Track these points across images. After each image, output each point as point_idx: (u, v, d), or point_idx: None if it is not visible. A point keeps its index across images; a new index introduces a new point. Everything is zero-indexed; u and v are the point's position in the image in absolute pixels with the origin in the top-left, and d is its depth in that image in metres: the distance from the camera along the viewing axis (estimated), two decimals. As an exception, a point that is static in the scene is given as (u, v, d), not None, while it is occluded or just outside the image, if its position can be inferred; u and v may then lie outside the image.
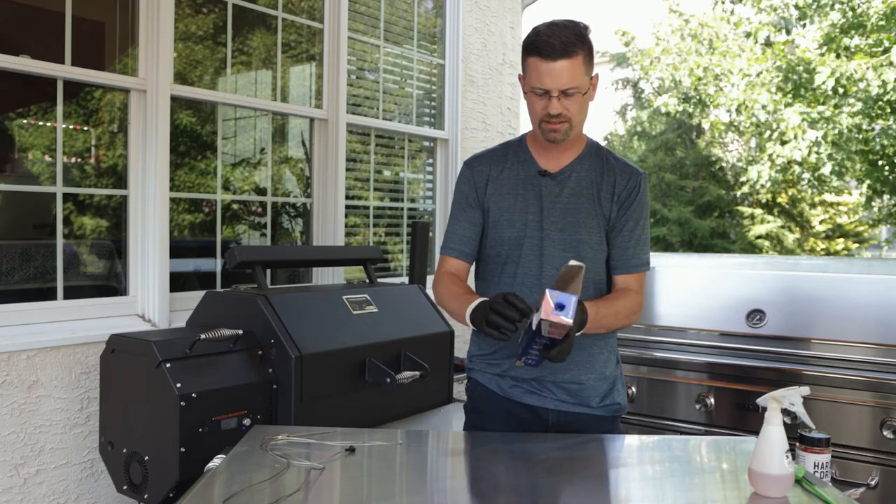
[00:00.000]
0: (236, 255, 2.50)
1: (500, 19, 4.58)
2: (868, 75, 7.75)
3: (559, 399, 1.88)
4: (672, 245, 13.11)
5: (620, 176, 1.88)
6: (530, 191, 1.88)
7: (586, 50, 1.74)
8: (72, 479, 2.45)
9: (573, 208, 1.86)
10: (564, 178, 1.88)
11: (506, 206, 1.89)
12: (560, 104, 1.74)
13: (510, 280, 1.88)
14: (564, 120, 1.77)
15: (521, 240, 1.87)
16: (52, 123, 2.57)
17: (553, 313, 1.43)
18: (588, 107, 1.84)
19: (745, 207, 13.41)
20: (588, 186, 1.87)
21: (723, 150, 13.78)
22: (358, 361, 2.46)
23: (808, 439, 1.64)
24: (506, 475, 1.54)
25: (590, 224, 1.86)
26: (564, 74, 1.71)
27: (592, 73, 1.79)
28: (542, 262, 1.85)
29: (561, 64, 1.70)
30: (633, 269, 1.90)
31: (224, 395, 2.17)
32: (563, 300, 1.43)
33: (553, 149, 1.88)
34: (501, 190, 1.90)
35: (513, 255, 1.88)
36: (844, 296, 2.55)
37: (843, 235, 13.34)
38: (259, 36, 3.27)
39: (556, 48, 1.70)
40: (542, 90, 1.74)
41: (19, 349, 2.31)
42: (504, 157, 1.94)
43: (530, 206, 1.87)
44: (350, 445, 1.59)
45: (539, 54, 1.72)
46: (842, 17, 8.55)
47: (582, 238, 1.85)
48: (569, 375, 1.87)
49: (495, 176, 1.91)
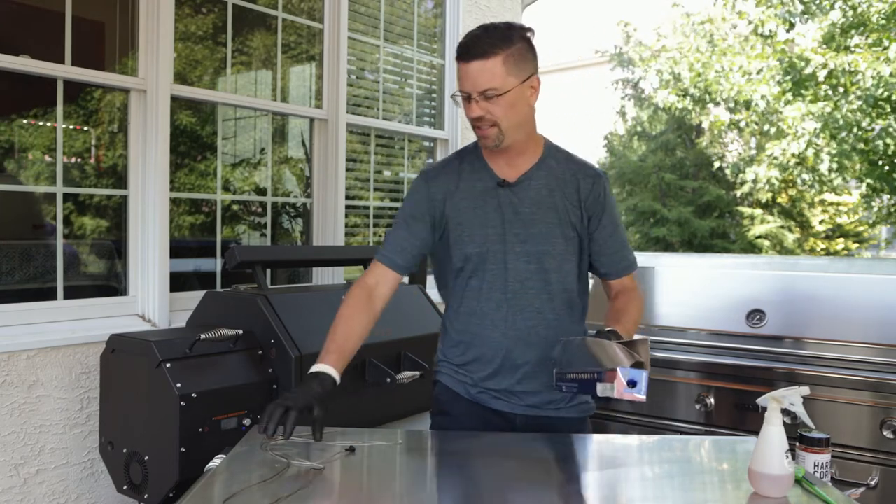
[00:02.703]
0: (236, 255, 2.50)
1: (499, 19, 4.56)
2: (861, 67, 7.75)
3: (527, 405, 1.85)
4: (672, 245, 13.11)
5: (584, 181, 1.82)
6: (489, 203, 1.81)
7: (512, 50, 1.67)
8: (72, 479, 2.45)
9: (535, 219, 1.80)
10: (524, 188, 1.81)
11: (465, 221, 1.82)
12: (479, 107, 1.68)
13: (475, 294, 1.83)
14: (490, 123, 1.70)
15: (484, 255, 1.81)
16: (52, 123, 2.57)
17: (626, 391, 1.42)
18: (525, 110, 1.75)
19: (745, 207, 13.41)
20: (548, 195, 1.81)
21: (722, 149, 13.78)
22: (358, 361, 2.46)
23: (808, 439, 1.63)
24: (504, 475, 1.54)
25: (553, 234, 1.80)
26: (480, 75, 1.66)
27: (526, 74, 1.71)
28: (507, 276, 1.80)
29: (476, 65, 1.66)
30: (625, 272, 1.89)
31: (224, 395, 2.17)
32: (635, 376, 1.42)
33: (506, 156, 1.81)
34: (460, 205, 1.83)
35: (477, 270, 1.82)
36: (844, 296, 2.55)
37: (843, 235, 13.33)
38: (259, 36, 3.27)
39: (470, 49, 1.67)
40: (464, 93, 1.70)
41: (19, 349, 2.31)
42: (460, 169, 1.86)
43: (490, 220, 1.81)
44: (350, 445, 1.59)
45: (459, 57, 1.69)
46: (842, 16, 8.55)
47: (545, 249, 1.80)
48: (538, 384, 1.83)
49: (453, 190, 1.84)
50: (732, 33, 10.99)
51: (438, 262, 1.93)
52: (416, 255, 1.86)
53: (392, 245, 1.85)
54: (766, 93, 8.82)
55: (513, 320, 1.81)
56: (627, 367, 1.44)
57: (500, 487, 1.47)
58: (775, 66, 8.92)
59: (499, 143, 1.74)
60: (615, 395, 1.44)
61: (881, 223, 11.52)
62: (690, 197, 13.63)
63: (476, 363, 1.86)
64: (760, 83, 8.89)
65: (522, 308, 1.81)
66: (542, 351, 1.81)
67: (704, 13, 10.49)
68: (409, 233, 1.85)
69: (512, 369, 1.83)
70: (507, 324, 1.81)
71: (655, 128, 14.45)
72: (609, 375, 1.45)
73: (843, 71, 7.96)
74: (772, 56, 8.99)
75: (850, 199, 12.49)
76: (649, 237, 13.33)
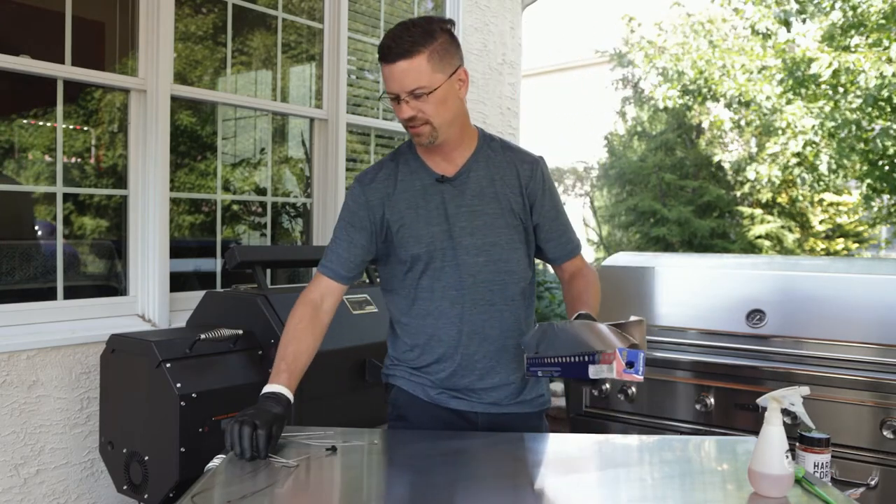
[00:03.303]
0: (236, 255, 2.50)
1: (500, 19, 4.58)
2: (865, 66, 7.75)
3: (487, 402, 1.83)
4: (672, 245, 13.10)
5: (522, 167, 1.82)
6: (431, 200, 1.78)
7: (435, 46, 1.65)
8: (72, 479, 2.45)
9: (478, 210, 1.78)
10: (464, 181, 1.79)
11: (408, 223, 1.78)
12: (410, 107, 1.66)
13: (428, 295, 1.79)
14: (422, 122, 1.68)
15: (431, 253, 1.77)
16: (52, 123, 2.57)
17: (625, 372, 1.41)
18: (456, 104, 1.72)
19: (745, 207, 13.41)
20: (489, 185, 1.79)
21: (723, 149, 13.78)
22: (358, 361, 2.46)
23: (808, 439, 1.63)
24: (500, 474, 1.54)
25: (498, 224, 1.78)
26: (406, 75, 1.63)
27: (453, 68, 1.68)
28: (460, 272, 1.77)
29: (401, 65, 1.63)
30: (574, 254, 1.90)
31: (224, 395, 2.17)
32: (633, 357, 1.42)
33: (442, 151, 1.78)
34: (399, 206, 1.79)
35: (427, 269, 1.78)
36: (844, 296, 2.55)
37: (843, 235, 13.33)
38: (259, 36, 3.27)
39: (392, 50, 1.64)
40: (392, 94, 1.67)
41: (19, 349, 2.31)
42: (396, 170, 1.83)
43: (434, 217, 1.77)
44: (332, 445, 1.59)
45: (382, 58, 1.66)
46: (842, 16, 8.55)
47: (493, 240, 1.78)
48: (498, 378, 1.82)
49: (391, 193, 1.80)
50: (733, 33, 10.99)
51: (383, 266, 1.89)
52: (358, 264, 1.83)
53: (333, 256, 1.82)
54: (770, 92, 8.82)
55: (468, 316, 1.78)
56: (624, 347, 1.44)
57: (495, 487, 1.47)
58: (777, 66, 8.92)
59: (433, 140, 1.71)
60: (614, 376, 1.43)
61: (881, 223, 11.52)
62: (690, 197, 13.62)
63: (435, 365, 1.82)
64: (762, 82, 8.89)
65: (476, 302, 1.78)
66: (497, 344, 1.80)
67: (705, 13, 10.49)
68: (349, 242, 1.81)
69: (470, 366, 1.80)
70: (463, 320, 1.78)
71: (655, 128, 14.44)
72: (605, 357, 1.45)
73: (847, 70, 7.96)
74: (773, 55, 8.99)
75: (850, 199, 12.49)
76: (649, 237, 13.33)
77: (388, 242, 1.82)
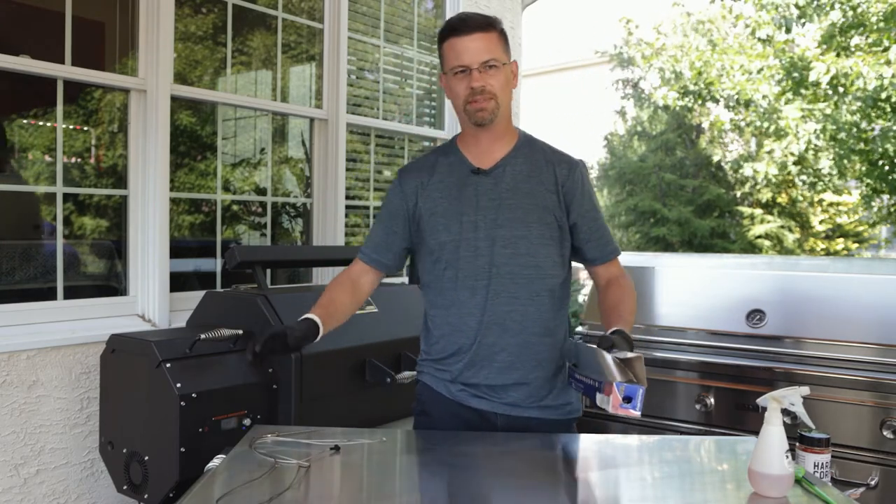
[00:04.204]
0: (236, 255, 2.50)
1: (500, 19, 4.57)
2: (863, 70, 7.75)
3: (507, 403, 1.82)
4: (672, 245, 13.10)
5: (558, 167, 1.83)
6: (464, 191, 1.82)
7: (499, 32, 1.79)
8: (72, 479, 2.45)
9: (511, 204, 1.80)
10: (499, 174, 1.82)
11: (440, 212, 1.83)
12: (481, 77, 1.73)
13: (452, 284, 1.82)
14: (490, 96, 1.75)
15: (457, 242, 1.81)
16: (52, 123, 2.57)
17: (622, 406, 1.41)
18: (510, 92, 1.82)
19: (745, 207, 13.41)
20: (525, 181, 1.81)
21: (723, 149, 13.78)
22: (358, 361, 2.46)
23: (808, 439, 1.64)
24: (497, 474, 1.54)
25: (529, 219, 1.79)
26: (482, 47, 1.73)
27: (511, 58, 1.82)
28: (482, 263, 1.80)
29: (477, 36, 1.74)
30: (609, 256, 1.89)
31: (224, 395, 2.17)
32: (631, 392, 1.42)
33: (483, 143, 1.83)
34: (433, 195, 1.85)
35: (452, 259, 1.82)
36: (844, 296, 2.55)
37: (843, 235, 13.32)
38: (259, 36, 3.27)
39: (467, 23, 1.75)
40: (462, 67, 1.74)
41: (19, 349, 2.31)
42: (434, 163, 1.89)
43: (465, 207, 1.81)
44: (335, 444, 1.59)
45: (454, 33, 1.75)
46: (842, 16, 8.55)
47: (522, 234, 1.79)
48: (517, 374, 1.81)
49: (425, 184, 1.86)
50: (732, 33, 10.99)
51: (418, 258, 1.93)
52: (395, 252, 1.91)
53: (370, 242, 1.93)
54: (768, 92, 8.82)
55: (490, 306, 1.79)
56: (623, 381, 1.42)
57: (492, 487, 1.47)
58: (775, 66, 8.92)
59: (494, 117, 1.77)
60: (610, 410, 1.44)
61: (881, 223, 11.51)
62: (690, 197, 13.62)
63: (454, 356, 1.84)
64: (761, 82, 8.89)
65: (498, 293, 1.79)
66: (519, 338, 1.79)
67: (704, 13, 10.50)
68: (385, 230, 1.90)
69: (488, 358, 1.81)
70: (483, 310, 1.79)
71: (655, 128, 14.45)
72: (606, 388, 1.45)
73: (845, 74, 7.96)
74: (772, 55, 8.99)
75: (850, 199, 12.49)
76: (649, 237, 13.33)
77: (420, 231, 1.87)
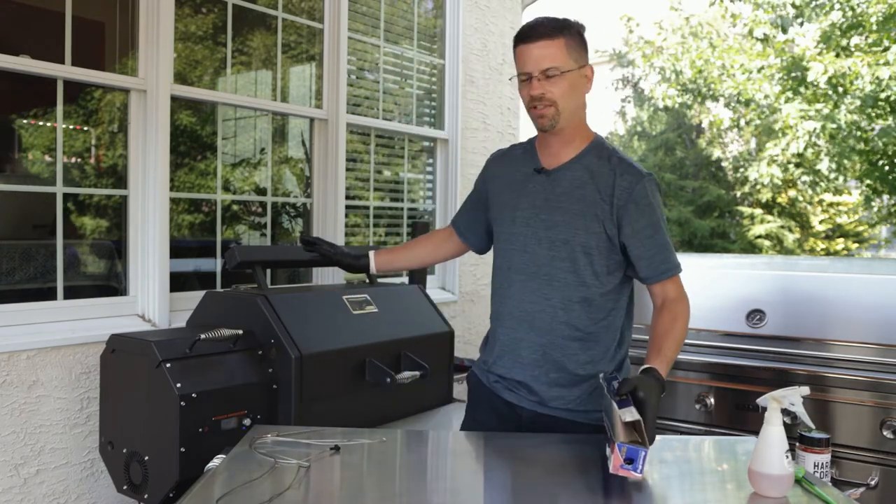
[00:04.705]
0: (236, 255, 2.50)
1: (500, 19, 4.58)
2: (862, 71, 7.75)
3: (534, 400, 1.87)
4: (672, 245, 13.09)
5: (620, 177, 1.79)
6: (526, 188, 1.88)
7: (570, 36, 1.78)
8: (72, 479, 2.45)
9: (562, 207, 1.82)
10: (559, 176, 1.85)
11: (501, 202, 1.94)
12: (540, 85, 1.76)
13: (500, 273, 1.93)
14: (549, 103, 1.77)
15: (511, 236, 1.89)
16: (52, 123, 2.57)
17: (622, 468, 1.40)
18: (580, 96, 1.83)
19: (745, 207, 13.41)
20: (581, 185, 1.82)
21: (723, 149, 13.78)
22: (358, 361, 2.46)
23: (808, 439, 1.64)
24: (496, 474, 1.54)
25: (577, 224, 1.80)
26: (544, 55, 1.75)
27: (583, 62, 1.80)
28: (525, 259, 1.86)
29: (541, 44, 1.75)
30: (664, 276, 1.82)
31: (224, 395, 2.17)
32: (633, 454, 1.40)
33: (553, 145, 1.87)
34: (501, 185, 1.96)
35: (502, 249, 1.93)
36: (844, 296, 2.55)
37: (843, 235, 13.33)
38: (259, 36, 3.27)
39: (535, 30, 1.77)
40: (525, 74, 1.78)
41: (19, 349, 2.31)
42: (513, 154, 1.99)
43: (522, 203, 1.88)
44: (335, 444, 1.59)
45: (522, 41, 1.79)
46: (842, 16, 8.55)
47: (566, 238, 1.81)
48: (540, 372, 1.85)
49: (499, 174, 1.98)
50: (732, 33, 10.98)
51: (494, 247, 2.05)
52: (472, 225, 2.10)
53: (459, 211, 2.17)
54: (769, 91, 8.82)
55: (525, 303, 1.86)
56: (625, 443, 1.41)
57: (492, 486, 1.47)
58: (775, 65, 8.92)
59: (554, 123, 1.80)
60: (610, 469, 1.42)
61: (881, 223, 11.52)
62: (690, 197, 13.62)
63: (490, 345, 1.96)
64: (762, 81, 8.89)
65: (534, 291, 1.84)
66: (545, 339, 1.83)
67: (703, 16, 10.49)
68: (470, 203, 2.12)
69: (515, 352, 1.87)
70: (516, 303, 1.87)
71: (655, 128, 14.45)
72: (611, 444, 1.45)
73: (843, 75, 7.96)
74: (772, 55, 8.99)
75: (850, 199, 12.49)
76: (649, 237, 13.31)
77: (489, 216, 2.02)
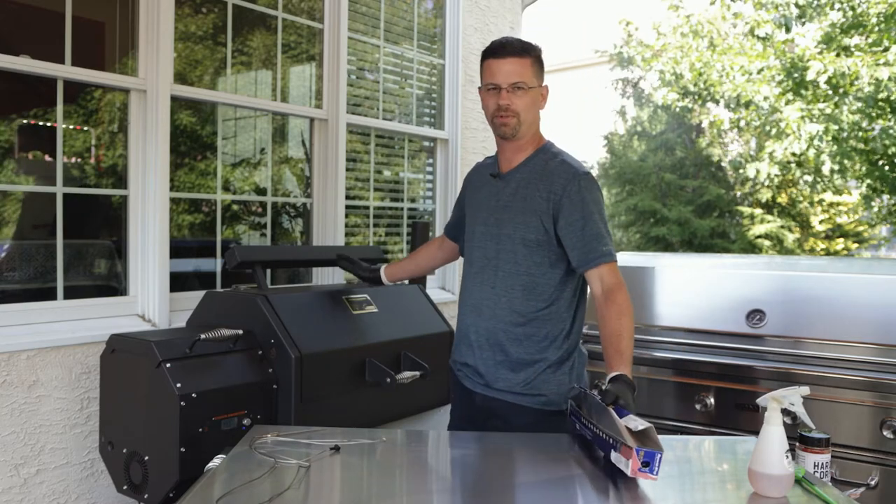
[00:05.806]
0: (236, 255, 2.50)
1: (500, 19, 4.58)
2: (862, 72, 7.74)
3: (482, 383, 2.05)
4: (672, 245, 13.10)
5: (559, 177, 1.98)
6: (485, 191, 2.11)
7: (535, 57, 2.00)
8: (72, 479, 2.45)
9: (509, 206, 2.03)
10: (510, 178, 2.06)
11: (470, 207, 2.17)
12: (508, 96, 1.96)
13: (465, 270, 2.14)
14: (513, 114, 1.97)
15: (472, 235, 2.12)
16: (52, 123, 2.57)
17: (640, 470, 1.43)
18: (536, 110, 2.04)
19: (745, 207, 13.41)
20: (525, 186, 2.02)
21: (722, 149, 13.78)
22: (358, 361, 2.46)
23: (808, 439, 1.64)
24: (496, 473, 1.54)
25: (516, 220, 2.00)
26: (514, 70, 1.96)
27: (542, 82, 2.03)
28: (478, 254, 2.08)
29: (510, 60, 1.96)
30: (594, 262, 1.94)
31: (224, 395, 2.17)
32: (650, 458, 1.43)
33: (508, 151, 2.07)
34: (471, 191, 2.20)
35: (468, 249, 2.15)
36: (844, 296, 2.55)
37: (843, 235, 13.32)
38: (259, 36, 3.27)
39: (506, 48, 1.98)
40: (493, 85, 1.98)
41: (19, 349, 2.31)
42: (485, 163, 2.22)
43: (481, 205, 2.11)
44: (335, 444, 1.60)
45: (492, 55, 1.99)
46: (842, 16, 8.55)
47: (510, 233, 2.01)
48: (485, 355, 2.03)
49: (472, 180, 2.21)
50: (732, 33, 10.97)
51: None
52: (460, 230, 2.26)
53: (449, 219, 2.40)
54: (768, 93, 8.81)
55: (476, 292, 2.07)
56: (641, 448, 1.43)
57: (490, 486, 1.47)
58: (776, 66, 8.91)
59: (515, 132, 2.00)
60: (628, 473, 1.44)
61: (881, 223, 11.51)
62: (690, 197, 13.62)
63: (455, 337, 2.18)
64: (761, 83, 8.88)
65: (482, 281, 2.06)
66: (488, 324, 2.02)
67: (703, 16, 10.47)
68: (455, 211, 2.34)
69: (467, 337, 2.08)
70: (469, 294, 2.10)
71: (655, 128, 14.46)
72: (625, 451, 1.46)
73: (843, 75, 7.95)
74: (772, 56, 8.98)
75: (850, 199, 12.48)
76: (649, 237, 13.33)
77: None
